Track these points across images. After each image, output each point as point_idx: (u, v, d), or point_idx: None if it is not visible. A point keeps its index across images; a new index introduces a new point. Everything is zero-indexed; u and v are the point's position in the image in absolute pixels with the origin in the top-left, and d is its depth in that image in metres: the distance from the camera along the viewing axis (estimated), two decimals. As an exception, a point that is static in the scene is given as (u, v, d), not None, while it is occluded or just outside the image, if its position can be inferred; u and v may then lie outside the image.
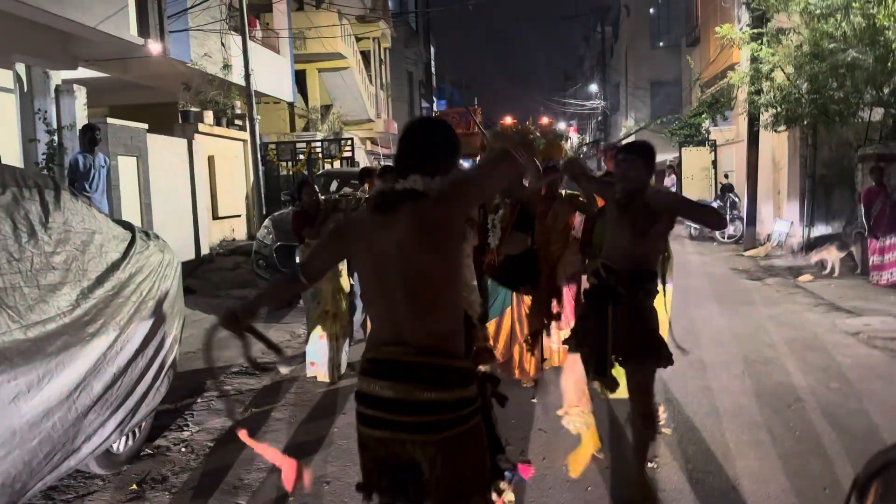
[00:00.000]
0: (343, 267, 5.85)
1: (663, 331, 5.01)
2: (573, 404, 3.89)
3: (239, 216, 13.78)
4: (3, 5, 7.44)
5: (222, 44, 12.96)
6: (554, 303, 5.52)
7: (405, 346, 2.03)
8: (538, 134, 5.99)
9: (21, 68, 8.98)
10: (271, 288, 2.55)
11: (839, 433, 4.27)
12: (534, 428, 4.50)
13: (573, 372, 3.86)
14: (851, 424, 4.42)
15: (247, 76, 12.54)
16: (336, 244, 2.24)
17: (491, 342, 5.19)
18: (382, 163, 24.75)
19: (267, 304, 2.45)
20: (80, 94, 9.51)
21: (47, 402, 3.06)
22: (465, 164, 6.73)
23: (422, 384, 2.00)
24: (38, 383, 3.01)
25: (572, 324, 5.57)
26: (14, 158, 8.74)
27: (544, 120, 6.05)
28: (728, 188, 16.30)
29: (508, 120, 5.66)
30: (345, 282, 5.84)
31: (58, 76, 9.44)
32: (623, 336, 3.31)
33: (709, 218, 3.61)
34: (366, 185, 6.50)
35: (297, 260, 7.04)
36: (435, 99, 43.63)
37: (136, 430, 4.10)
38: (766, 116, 12.33)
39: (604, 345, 3.32)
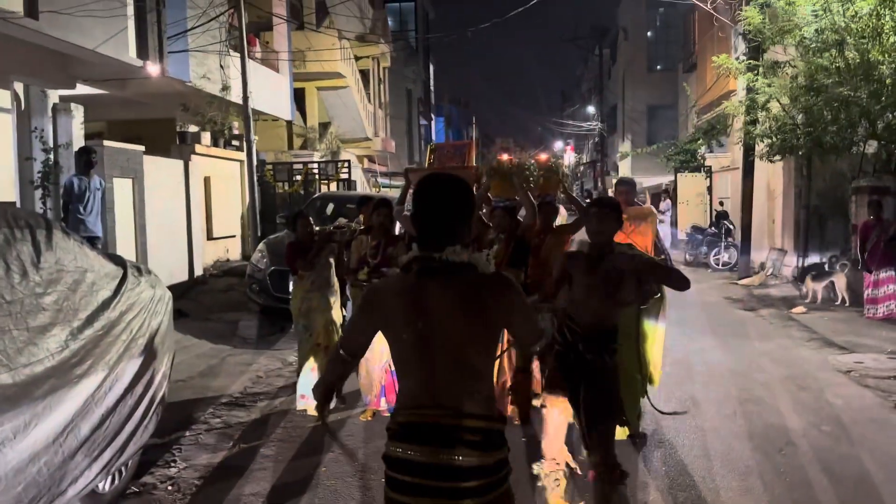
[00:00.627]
0: (335, 299, 5.83)
1: (655, 372, 5.04)
2: (550, 459, 3.89)
3: (234, 236, 13.75)
4: (5, 29, 7.46)
5: (221, 65, 13.00)
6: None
7: (444, 409, 2.03)
8: (534, 168, 5.99)
9: (19, 87, 8.99)
10: (330, 375, 2.44)
11: (830, 479, 4.26)
12: (523, 470, 4.46)
13: (552, 422, 3.85)
14: (843, 470, 4.41)
15: (244, 97, 12.57)
16: (372, 314, 2.19)
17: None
18: (379, 180, 24.88)
19: (334, 386, 2.51)
20: (78, 113, 9.51)
21: (33, 446, 3.03)
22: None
23: (465, 448, 2.00)
24: (25, 428, 2.98)
25: None
26: (9, 177, 8.73)
27: (542, 156, 6.04)
28: (723, 215, 16.37)
29: (505, 156, 5.67)
30: (337, 314, 5.82)
31: (55, 95, 9.45)
32: (588, 399, 3.45)
33: (674, 283, 3.63)
34: (360, 217, 6.48)
35: (291, 288, 7.02)
36: (433, 117, 43.84)
37: (123, 468, 4.06)
38: (761, 146, 12.41)
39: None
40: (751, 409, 5.67)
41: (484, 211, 6.02)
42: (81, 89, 10.22)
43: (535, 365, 5.46)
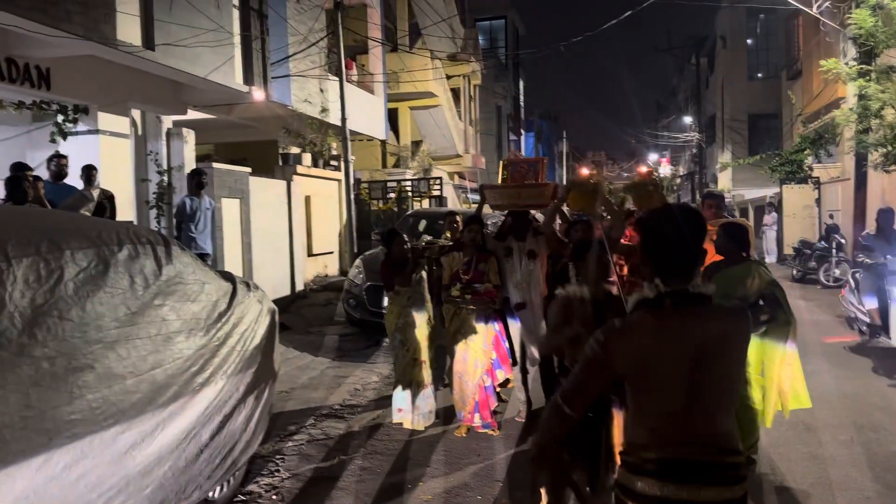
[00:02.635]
0: (429, 315, 5.90)
1: (787, 398, 4.59)
2: None
3: (332, 253, 14.19)
4: (126, 61, 8.04)
5: (321, 89, 13.50)
6: None
7: (701, 447, 2.01)
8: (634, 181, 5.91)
9: (136, 114, 9.65)
10: (548, 436, 2.22)
11: (962, 516, 3.93)
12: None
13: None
14: (976, 507, 4.06)
15: (342, 119, 12.99)
16: (613, 363, 2.05)
17: None
18: (469, 196, 25.04)
19: (557, 442, 2.29)
20: (189, 138, 10.11)
21: (159, 451, 3.23)
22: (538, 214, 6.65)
23: (725, 485, 2.01)
24: (151, 433, 3.18)
25: None
26: (128, 197, 9.36)
27: (643, 169, 5.97)
28: (833, 229, 15.46)
29: (585, 171, 5.62)
30: (431, 329, 5.89)
31: (169, 120, 10.08)
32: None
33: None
34: (447, 234, 6.56)
35: (385, 303, 7.16)
36: (523, 132, 43.81)
37: (232, 476, 4.24)
38: (875, 156, 11.69)
39: (597, 460, 3.20)
40: (869, 436, 5.31)
41: (558, 226, 5.96)
42: (192, 114, 10.86)
43: None
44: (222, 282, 4.11)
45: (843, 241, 14.86)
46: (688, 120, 43.30)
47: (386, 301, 6.45)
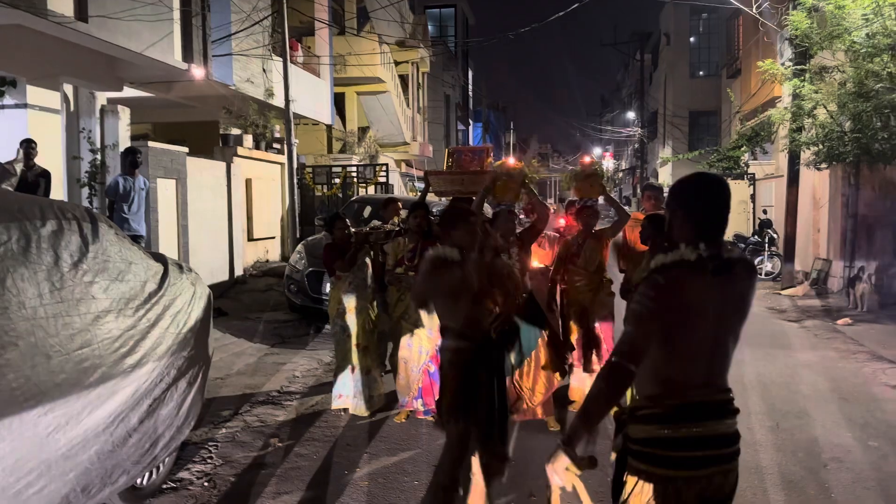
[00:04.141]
0: (372, 300, 5.84)
1: None
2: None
3: (273, 238, 13.93)
4: (55, 31, 7.68)
5: (264, 69, 13.19)
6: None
7: (715, 389, 2.26)
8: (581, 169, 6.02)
9: (69, 89, 9.24)
10: (610, 399, 2.22)
11: (877, 499, 4.12)
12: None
13: None
14: (891, 489, 4.25)
15: (286, 101, 12.73)
16: (664, 316, 2.17)
17: (523, 388, 5.12)
18: (416, 184, 24.94)
19: (601, 417, 2.29)
20: (124, 115, 9.74)
21: (85, 434, 3.10)
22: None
23: (732, 417, 2.27)
24: (77, 415, 3.05)
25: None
26: (58, 176, 8.95)
27: (586, 158, 6.06)
28: (766, 224, 16.01)
29: (511, 162, 5.72)
30: (373, 314, 5.84)
31: (103, 97, 9.69)
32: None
33: None
34: (395, 219, 6.51)
35: (326, 289, 7.06)
36: (471, 122, 43.88)
37: (161, 463, 4.12)
38: (807, 154, 12.12)
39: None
40: (793, 422, 5.51)
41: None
42: (128, 92, 10.47)
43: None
44: (153, 262, 3.97)
45: (775, 235, 15.39)
46: (631, 115, 44.15)
47: (328, 287, 6.36)
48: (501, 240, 5.26)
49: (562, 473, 2.18)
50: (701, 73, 30.88)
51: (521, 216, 7.97)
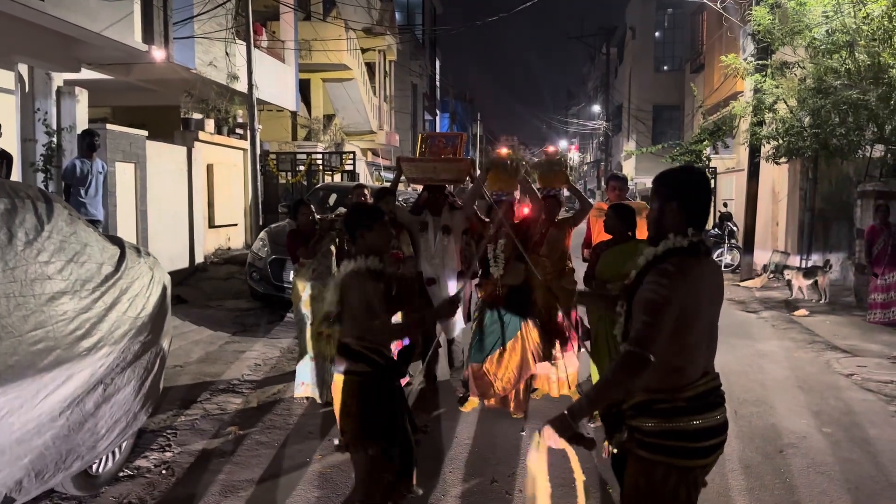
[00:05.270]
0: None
1: None
2: None
3: (236, 225, 13.71)
4: (8, 8, 7.41)
5: (227, 53, 12.94)
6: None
7: (711, 376, 2.33)
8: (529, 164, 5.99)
9: (24, 69, 8.94)
10: (621, 389, 2.26)
11: (830, 483, 4.21)
12: (521, 464, 4.43)
13: None
14: (843, 474, 4.36)
15: (249, 86, 12.51)
16: (680, 303, 2.20)
17: (492, 375, 5.11)
18: (382, 173, 24.79)
19: (610, 403, 2.38)
20: (82, 97, 9.46)
21: (39, 418, 3.02)
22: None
23: (725, 404, 2.34)
24: (31, 399, 2.96)
25: (575, 349, 5.55)
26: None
27: (550, 148, 6.06)
28: (727, 217, 16.30)
29: (504, 150, 5.64)
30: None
31: (60, 78, 9.40)
32: None
33: None
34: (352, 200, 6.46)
35: (290, 277, 6.97)
36: (438, 112, 43.78)
37: (117, 449, 4.03)
38: (767, 148, 12.34)
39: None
40: (751, 409, 5.62)
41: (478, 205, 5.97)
42: (87, 74, 10.17)
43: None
44: (109, 244, 3.87)
45: (735, 228, 15.68)
46: (596, 109, 44.49)
47: (291, 274, 6.28)
48: (494, 229, 5.24)
49: (557, 442, 2.19)
50: (665, 67, 31.27)
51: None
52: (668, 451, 2.24)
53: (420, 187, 6.75)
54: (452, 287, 5.63)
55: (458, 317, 5.73)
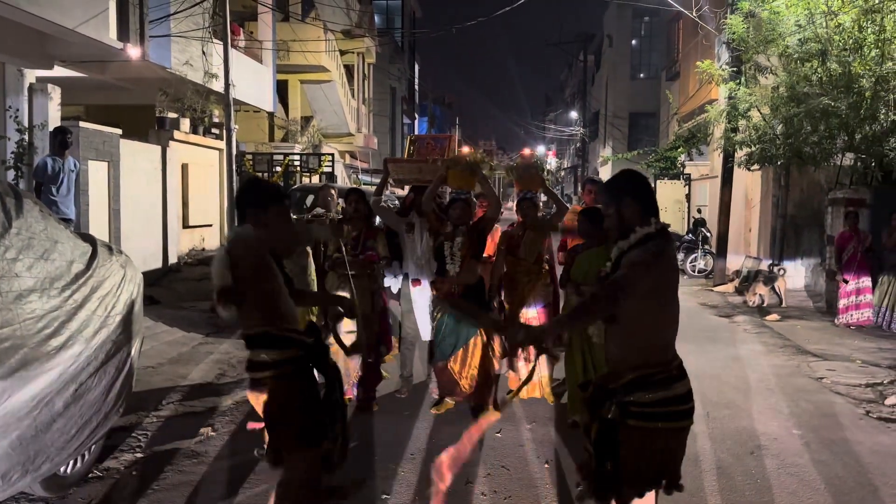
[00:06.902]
0: (312, 289, 5.75)
1: None
2: None
3: (210, 226, 13.58)
4: (-22, 2, 7.28)
5: (203, 52, 12.81)
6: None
7: (674, 352, 2.66)
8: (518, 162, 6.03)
9: (-6, 65, 8.79)
10: (587, 317, 3.06)
11: (800, 484, 4.27)
12: (496, 465, 4.43)
13: None
14: (813, 475, 4.42)
15: (226, 85, 12.40)
16: (654, 273, 2.52)
17: (457, 374, 5.13)
18: (360, 176, 24.69)
19: (573, 329, 3.19)
20: (55, 94, 9.32)
21: (5, 418, 2.95)
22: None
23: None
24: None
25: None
26: (-20, 156, 8.53)
27: (526, 151, 6.10)
28: (700, 222, 16.50)
29: (466, 149, 5.71)
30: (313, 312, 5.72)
31: (32, 74, 9.25)
32: None
33: None
34: (338, 207, 6.41)
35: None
36: (417, 116, 43.79)
37: (87, 450, 3.96)
38: (740, 155, 12.51)
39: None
40: (723, 412, 5.68)
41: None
42: (60, 72, 10.01)
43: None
44: (80, 242, 3.81)
45: (708, 234, 15.88)
46: (574, 115, 44.82)
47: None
48: (451, 227, 5.26)
49: (528, 352, 2.57)
50: (641, 75, 31.57)
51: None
52: (666, 416, 2.53)
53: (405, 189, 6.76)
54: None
55: (426, 317, 5.68)
